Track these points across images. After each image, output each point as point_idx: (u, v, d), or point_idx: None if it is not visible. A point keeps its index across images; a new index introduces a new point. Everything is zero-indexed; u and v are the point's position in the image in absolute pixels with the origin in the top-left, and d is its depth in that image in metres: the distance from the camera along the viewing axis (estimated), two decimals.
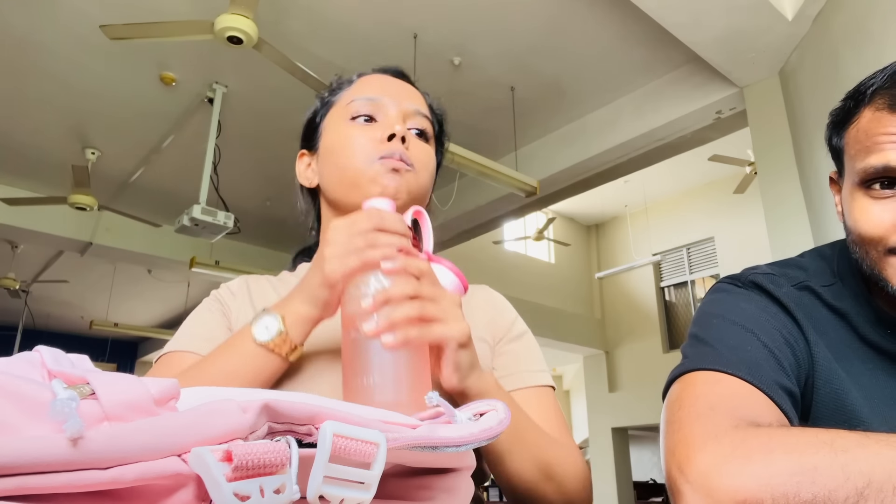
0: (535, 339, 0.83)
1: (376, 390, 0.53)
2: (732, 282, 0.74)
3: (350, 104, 0.77)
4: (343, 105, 0.79)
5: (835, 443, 0.46)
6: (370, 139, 0.74)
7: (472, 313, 0.76)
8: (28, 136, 4.87)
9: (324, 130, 0.80)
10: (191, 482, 0.29)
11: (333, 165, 0.76)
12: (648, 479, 9.51)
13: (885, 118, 0.63)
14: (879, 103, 0.64)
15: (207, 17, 3.08)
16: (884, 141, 0.63)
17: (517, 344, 0.80)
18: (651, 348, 8.29)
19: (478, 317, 0.78)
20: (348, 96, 0.79)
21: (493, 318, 0.81)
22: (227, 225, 3.83)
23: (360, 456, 0.31)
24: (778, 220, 3.44)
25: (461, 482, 0.41)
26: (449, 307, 0.58)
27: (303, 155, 0.84)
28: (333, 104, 0.81)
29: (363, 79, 0.82)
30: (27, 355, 0.32)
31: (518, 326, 0.82)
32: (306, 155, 0.84)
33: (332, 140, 0.77)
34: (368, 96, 0.77)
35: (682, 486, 0.50)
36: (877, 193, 0.64)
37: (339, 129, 0.77)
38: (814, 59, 3.15)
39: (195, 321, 0.77)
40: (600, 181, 5.30)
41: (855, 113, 0.68)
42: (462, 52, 4.04)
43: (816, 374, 0.67)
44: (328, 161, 0.77)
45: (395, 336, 0.53)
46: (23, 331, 8.95)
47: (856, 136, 0.67)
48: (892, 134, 0.62)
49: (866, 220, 0.65)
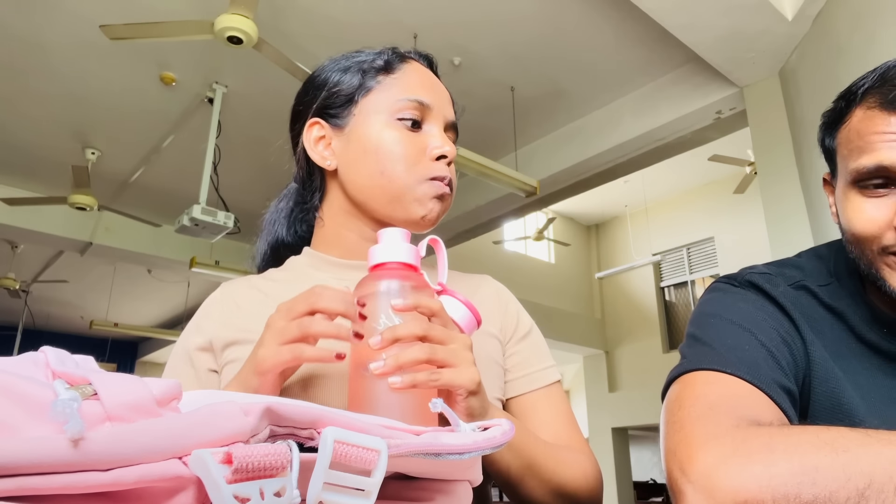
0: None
1: None
2: (729, 281, 0.74)
3: (399, 102, 0.71)
4: (391, 98, 0.72)
5: (836, 443, 0.46)
6: (420, 151, 0.71)
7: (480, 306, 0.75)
8: (28, 137, 4.87)
9: (361, 114, 0.72)
10: (191, 485, 0.29)
11: (375, 167, 0.70)
12: (648, 479, 9.51)
13: (877, 117, 0.63)
14: (871, 102, 0.65)
15: (207, 17, 3.08)
16: (876, 140, 0.63)
17: (526, 342, 0.79)
18: (651, 348, 8.29)
19: (485, 310, 0.76)
20: (397, 89, 0.72)
21: (500, 313, 0.80)
22: (227, 225, 3.83)
23: (360, 463, 0.31)
24: (778, 219, 3.44)
25: (459, 486, 0.40)
26: (460, 351, 0.54)
27: (314, 124, 0.75)
28: (373, 90, 0.73)
29: (411, 68, 0.75)
30: (32, 355, 0.32)
31: (524, 322, 0.81)
32: (321, 126, 0.75)
33: (377, 137, 0.70)
34: (420, 99, 0.72)
35: (683, 486, 0.50)
36: (870, 192, 0.64)
37: (386, 126, 0.71)
38: (814, 59, 3.14)
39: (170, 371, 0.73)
40: (600, 181, 5.30)
41: (846, 113, 0.68)
42: (462, 52, 4.04)
43: (813, 374, 0.67)
44: (367, 158, 0.71)
45: (403, 379, 0.51)
46: (23, 331, 8.94)
47: (847, 137, 0.67)
48: (884, 133, 0.63)
49: (860, 219, 0.65)
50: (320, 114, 0.75)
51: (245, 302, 0.74)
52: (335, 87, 0.74)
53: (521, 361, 0.78)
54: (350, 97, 0.73)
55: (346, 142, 0.73)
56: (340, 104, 0.74)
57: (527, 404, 0.75)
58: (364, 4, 3.58)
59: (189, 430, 0.29)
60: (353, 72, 0.75)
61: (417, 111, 0.72)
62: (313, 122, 0.75)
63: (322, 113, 0.75)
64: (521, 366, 0.77)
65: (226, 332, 0.71)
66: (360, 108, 0.73)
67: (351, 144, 0.72)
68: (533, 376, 0.77)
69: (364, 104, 0.73)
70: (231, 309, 0.73)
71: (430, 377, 0.52)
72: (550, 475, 0.65)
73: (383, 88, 0.73)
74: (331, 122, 0.74)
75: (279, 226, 0.84)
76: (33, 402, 0.27)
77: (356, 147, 0.72)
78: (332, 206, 0.76)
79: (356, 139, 0.72)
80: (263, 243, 0.85)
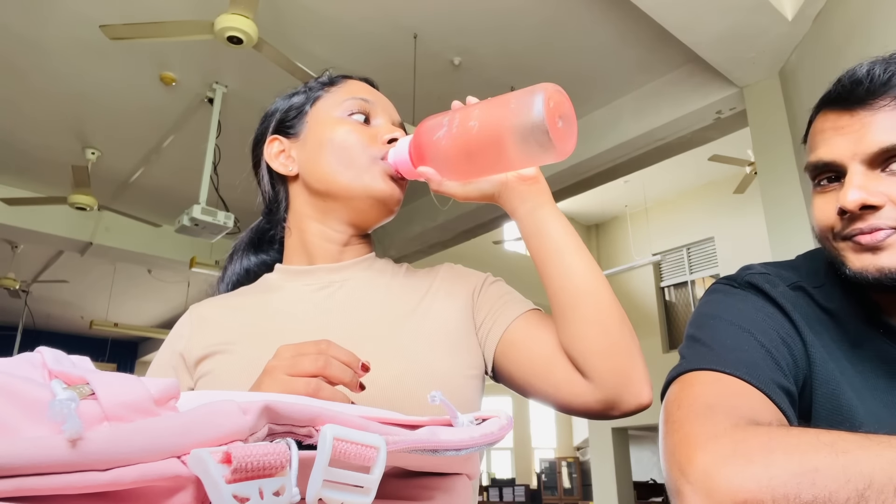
0: None
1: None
2: (728, 283, 0.75)
3: (346, 101, 0.79)
4: (337, 100, 0.80)
5: (836, 444, 0.46)
6: (372, 137, 0.77)
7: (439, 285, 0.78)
8: (28, 136, 4.87)
9: (312, 120, 0.80)
10: (190, 484, 0.29)
11: (332, 156, 0.76)
12: (648, 479, 9.50)
13: (826, 117, 0.68)
14: (824, 106, 0.69)
15: (207, 17, 3.08)
16: (819, 139, 0.68)
17: (494, 287, 0.79)
18: (651, 348, 8.29)
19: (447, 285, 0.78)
20: (342, 92, 0.81)
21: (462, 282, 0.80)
22: (227, 225, 3.83)
23: (359, 460, 0.31)
24: (778, 220, 3.44)
25: (459, 483, 0.40)
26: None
27: (273, 140, 0.82)
28: (321, 98, 0.81)
29: (351, 82, 0.84)
30: (28, 356, 0.32)
31: (489, 279, 0.81)
32: (279, 141, 0.82)
33: (330, 131, 0.78)
34: (363, 97, 0.80)
35: (682, 486, 0.50)
36: (822, 189, 0.69)
37: (338, 122, 0.78)
38: (814, 59, 3.14)
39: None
40: (600, 181, 5.30)
41: (812, 120, 0.72)
42: (462, 52, 4.04)
43: (814, 376, 0.67)
44: (323, 151, 0.77)
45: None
46: (23, 331, 8.94)
47: (809, 141, 0.71)
48: (825, 131, 0.67)
49: (816, 213, 0.69)
50: (276, 131, 0.83)
51: (214, 317, 0.78)
52: (286, 107, 0.84)
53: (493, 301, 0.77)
54: (301, 109, 0.82)
55: (304, 145, 0.80)
56: (293, 117, 0.82)
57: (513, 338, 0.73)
58: (364, 5, 3.58)
59: (187, 429, 0.28)
60: (300, 93, 0.84)
61: (363, 108, 0.79)
62: (272, 139, 0.83)
63: (278, 130, 0.83)
64: (493, 305, 0.76)
65: (197, 349, 0.74)
66: (312, 115, 0.81)
67: (308, 145, 0.79)
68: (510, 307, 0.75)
69: (314, 111, 0.81)
70: (200, 326, 0.77)
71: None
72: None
73: (329, 96, 0.81)
74: (288, 133, 0.82)
75: (243, 258, 0.89)
76: (31, 403, 0.27)
77: (313, 146, 0.79)
78: (297, 213, 0.82)
79: (312, 139, 0.79)
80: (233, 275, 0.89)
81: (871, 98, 0.64)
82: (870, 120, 0.63)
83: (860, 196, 0.62)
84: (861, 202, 0.63)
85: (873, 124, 0.63)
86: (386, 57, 3.97)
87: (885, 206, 0.63)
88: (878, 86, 0.63)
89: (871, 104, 0.64)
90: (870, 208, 0.63)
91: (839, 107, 0.66)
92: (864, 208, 0.63)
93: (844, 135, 0.65)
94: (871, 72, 0.64)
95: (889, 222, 0.63)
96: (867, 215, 0.64)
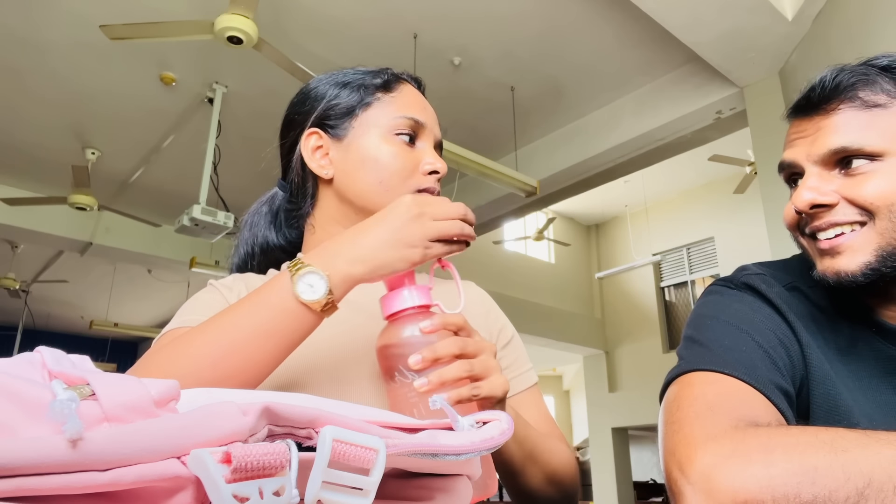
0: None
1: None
2: (725, 284, 0.75)
3: (399, 119, 0.76)
4: (390, 114, 0.76)
5: (835, 443, 0.47)
6: (414, 165, 0.76)
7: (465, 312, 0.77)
8: (28, 136, 4.87)
9: (361, 126, 0.76)
10: (190, 485, 0.29)
11: (373, 176, 0.74)
12: (648, 479, 9.50)
13: (792, 124, 0.74)
14: (791, 114, 0.75)
15: (207, 17, 3.09)
16: (785, 144, 0.74)
17: (509, 348, 0.85)
18: (651, 348, 8.29)
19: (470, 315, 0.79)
20: (394, 106, 0.77)
21: (483, 317, 0.84)
22: (227, 225, 3.83)
23: (359, 462, 0.31)
24: (778, 219, 3.44)
25: (460, 483, 0.40)
26: (489, 361, 0.59)
27: (313, 134, 0.78)
28: (373, 105, 0.77)
29: (406, 88, 0.80)
30: (28, 356, 0.32)
31: (507, 328, 0.86)
32: (319, 136, 0.77)
33: (375, 149, 0.75)
34: (416, 117, 0.77)
35: (682, 486, 0.50)
36: (792, 190, 0.74)
37: (384, 140, 0.75)
38: (814, 59, 3.14)
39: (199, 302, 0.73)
40: (600, 181, 5.30)
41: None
42: (462, 52, 4.04)
43: (811, 376, 0.67)
44: (365, 167, 0.74)
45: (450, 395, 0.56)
46: (23, 331, 8.94)
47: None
48: (790, 135, 0.73)
49: (784, 213, 0.73)
50: (318, 124, 0.78)
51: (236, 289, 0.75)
52: (334, 99, 0.78)
53: (506, 366, 0.82)
54: (350, 110, 0.77)
55: (345, 152, 0.76)
56: (339, 116, 0.77)
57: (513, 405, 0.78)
58: (364, 4, 3.58)
59: (187, 429, 0.29)
60: (351, 87, 0.78)
61: (413, 128, 0.76)
62: (311, 131, 0.78)
63: (320, 123, 0.78)
64: (506, 371, 0.81)
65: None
66: (360, 121, 0.76)
67: (350, 155, 0.76)
68: (517, 380, 0.82)
69: (364, 118, 0.77)
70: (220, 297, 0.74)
71: (471, 392, 0.57)
72: (546, 463, 0.72)
73: (382, 105, 0.77)
74: (329, 132, 0.77)
75: (264, 229, 0.86)
76: (31, 403, 0.27)
77: (355, 157, 0.75)
78: (324, 213, 0.79)
79: (355, 150, 0.76)
80: (246, 245, 0.86)
81: (824, 103, 0.69)
82: (824, 124, 0.68)
83: (810, 196, 0.67)
84: (811, 202, 0.67)
85: (826, 128, 0.68)
86: (386, 57, 3.97)
87: (839, 204, 0.66)
88: (828, 91, 0.69)
89: (824, 109, 0.69)
90: (823, 207, 0.67)
91: (801, 114, 0.72)
92: (816, 207, 0.67)
93: (803, 138, 0.71)
94: (823, 78, 0.70)
95: (845, 218, 0.66)
96: (822, 213, 0.67)
